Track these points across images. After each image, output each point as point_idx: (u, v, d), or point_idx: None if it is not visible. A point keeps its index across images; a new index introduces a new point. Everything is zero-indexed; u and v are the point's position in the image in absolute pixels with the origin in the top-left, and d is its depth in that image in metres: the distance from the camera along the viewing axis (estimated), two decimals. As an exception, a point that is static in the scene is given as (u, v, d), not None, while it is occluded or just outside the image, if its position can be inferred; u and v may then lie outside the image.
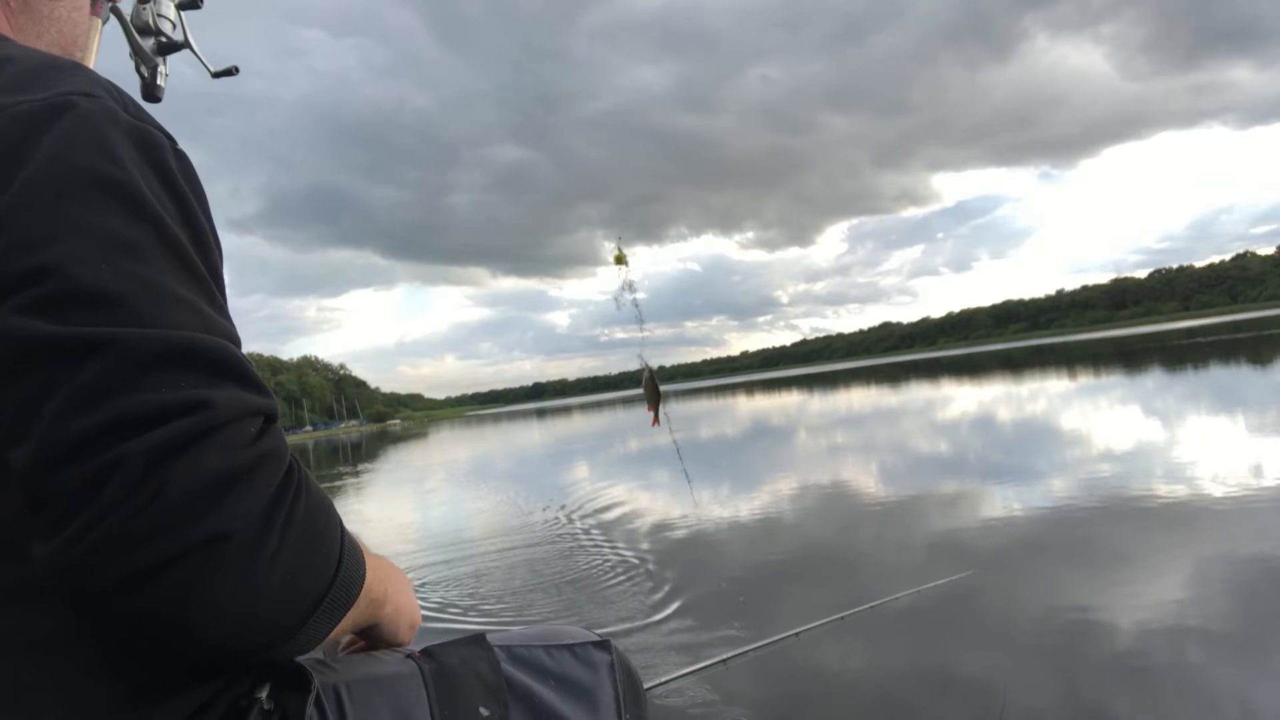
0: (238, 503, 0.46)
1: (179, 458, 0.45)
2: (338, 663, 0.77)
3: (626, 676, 0.96)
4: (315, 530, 0.52)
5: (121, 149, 0.51)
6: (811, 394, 27.23)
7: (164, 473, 0.44)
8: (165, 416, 0.45)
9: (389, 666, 0.79)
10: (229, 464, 0.46)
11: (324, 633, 0.56)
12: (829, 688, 2.47)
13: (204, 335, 0.50)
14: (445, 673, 0.80)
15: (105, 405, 0.44)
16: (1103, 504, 4.48)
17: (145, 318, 0.47)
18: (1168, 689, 2.18)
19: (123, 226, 0.49)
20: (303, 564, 0.51)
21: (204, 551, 0.44)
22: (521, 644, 0.91)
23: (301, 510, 0.51)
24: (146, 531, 0.43)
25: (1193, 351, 21.04)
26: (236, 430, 0.48)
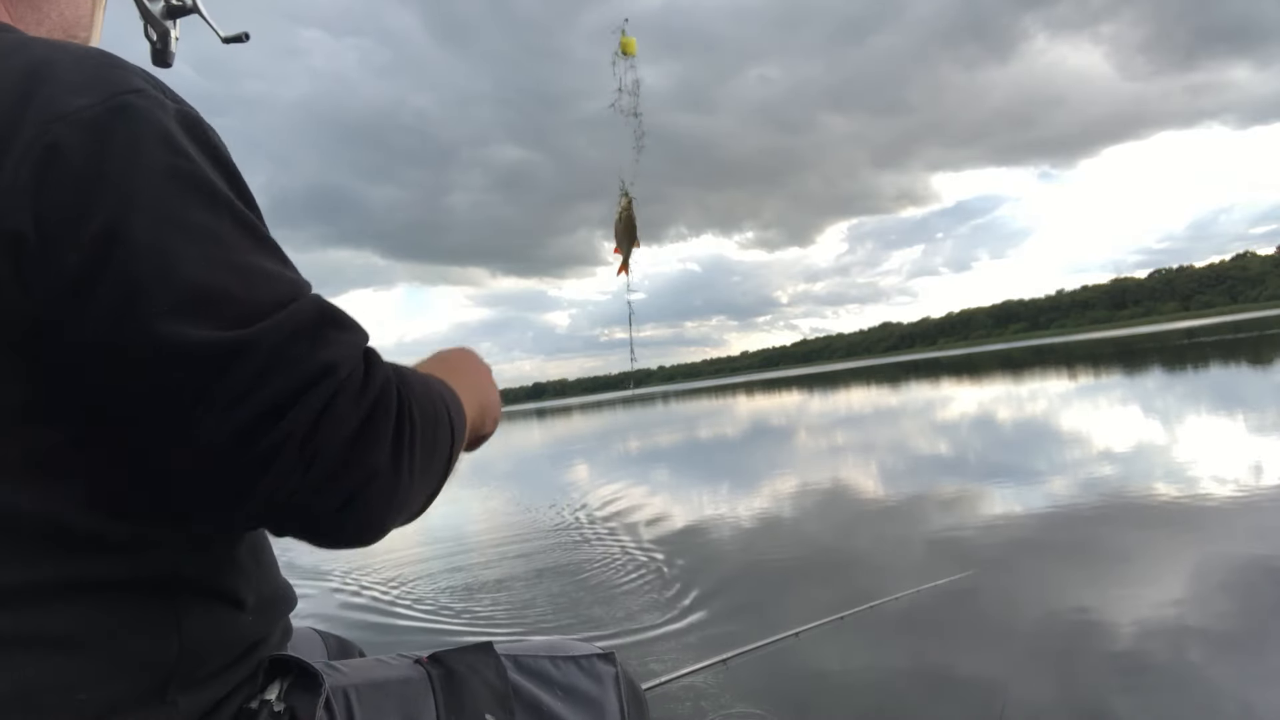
0: (376, 441, 0.52)
1: (324, 424, 0.49)
2: (347, 666, 0.77)
3: (631, 691, 0.96)
4: (430, 430, 0.59)
5: (181, 139, 0.53)
6: (812, 394, 27.22)
7: (316, 442, 0.49)
8: (304, 389, 0.49)
9: (397, 671, 0.79)
10: (361, 412, 0.52)
11: (453, 463, 0.65)
12: (829, 687, 2.47)
13: (303, 300, 0.53)
14: (453, 679, 0.80)
15: (255, 399, 0.48)
16: (1103, 504, 4.48)
17: (262, 305, 0.50)
18: (1168, 689, 2.18)
19: (208, 218, 0.51)
20: (429, 462, 0.59)
21: (364, 492, 0.52)
22: (528, 654, 0.91)
23: (419, 418, 0.57)
24: (314, 492, 0.50)
25: (1193, 352, 21.03)
26: (355, 377, 0.52)
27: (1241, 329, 35.69)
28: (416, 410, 0.57)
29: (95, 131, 0.49)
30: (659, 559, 4.53)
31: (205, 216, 0.51)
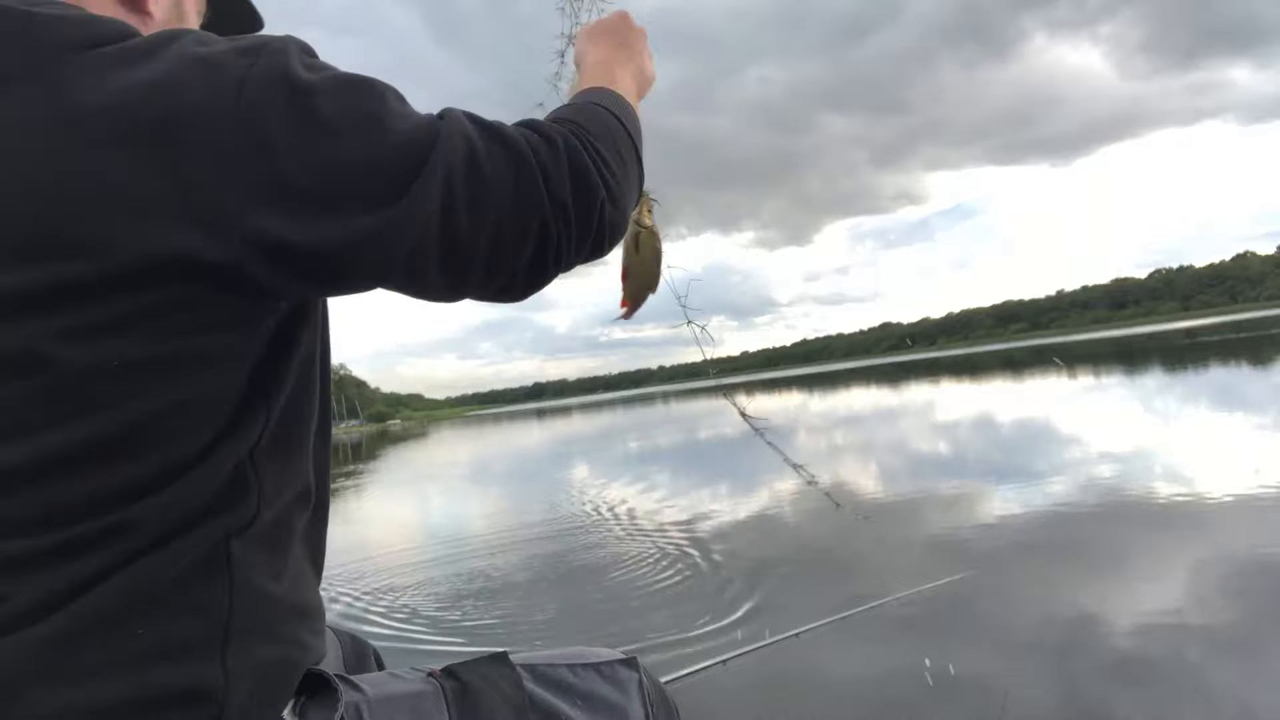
0: (590, 182, 0.63)
1: (551, 190, 0.60)
2: (360, 680, 0.76)
3: (659, 695, 0.94)
4: (614, 151, 0.68)
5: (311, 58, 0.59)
6: (811, 394, 27.22)
7: (558, 209, 0.60)
8: (516, 175, 0.59)
9: (410, 685, 0.77)
10: (564, 168, 0.61)
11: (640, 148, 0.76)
12: (829, 688, 2.47)
13: (453, 114, 0.60)
14: (467, 691, 0.78)
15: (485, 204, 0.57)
16: (1102, 504, 4.48)
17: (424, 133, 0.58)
18: (1167, 689, 2.18)
19: (372, 101, 0.57)
20: (626, 170, 0.69)
21: (603, 222, 0.65)
22: (545, 663, 0.88)
23: (602, 147, 0.66)
24: (577, 244, 0.63)
25: (1193, 351, 21.02)
26: (538, 146, 0.61)
27: (1242, 329, 35.68)
28: (594, 139, 0.65)
29: (274, 84, 0.54)
30: (658, 557, 4.53)
31: (376, 98, 0.57)
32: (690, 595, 3.70)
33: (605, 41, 0.90)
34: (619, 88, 0.81)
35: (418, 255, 0.56)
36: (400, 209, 0.54)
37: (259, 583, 0.59)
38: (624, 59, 0.88)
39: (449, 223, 0.55)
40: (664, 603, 3.64)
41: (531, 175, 0.59)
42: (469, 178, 0.56)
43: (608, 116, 0.72)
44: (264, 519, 0.60)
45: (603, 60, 0.87)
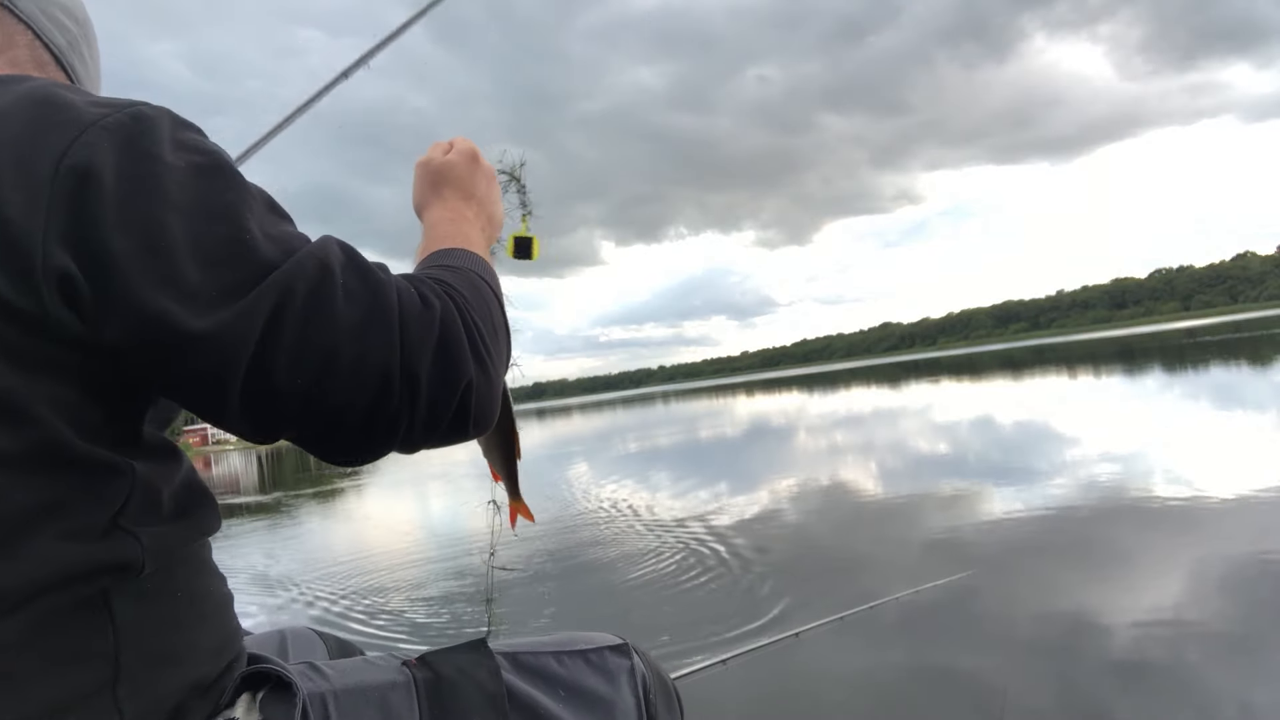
0: (460, 354, 0.58)
1: (408, 355, 0.54)
2: (333, 669, 0.75)
3: (658, 682, 0.91)
4: (488, 318, 0.64)
5: (192, 140, 0.56)
6: (811, 394, 27.22)
7: (410, 377, 0.54)
8: (369, 322, 0.54)
9: (382, 675, 0.76)
10: (435, 334, 0.57)
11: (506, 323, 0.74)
12: (829, 688, 2.47)
13: (331, 244, 0.57)
14: (439, 683, 0.76)
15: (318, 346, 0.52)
16: (1102, 504, 4.48)
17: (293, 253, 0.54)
18: (1167, 689, 2.18)
19: (238, 197, 0.54)
20: (498, 342, 0.66)
21: (468, 401, 0.58)
22: (529, 650, 0.86)
23: (476, 315, 0.62)
24: (426, 422, 0.56)
25: (1193, 351, 21.03)
26: (412, 303, 0.57)
27: (1242, 329, 35.68)
28: (473, 311, 0.61)
29: (122, 141, 0.51)
30: (657, 557, 4.53)
31: (235, 197, 0.54)
32: (687, 593, 3.70)
33: (452, 195, 0.83)
34: (474, 249, 0.76)
35: (221, 376, 0.49)
36: (215, 321, 0.49)
37: (149, 628, 0.56)
38: (473, 214, 0.83)
39: (265, 350, 0.50)
40: (661, 601, 3.64)
41: (386, 329, 0.53)
42: (308, 308, 0.51)
43: (483, 285, 0.67)
44: (150, 569, 0.55)
45: (451, 217, 0.81)
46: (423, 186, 0.84)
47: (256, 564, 5.88)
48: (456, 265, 0.69)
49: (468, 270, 0.68)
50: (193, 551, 0.62)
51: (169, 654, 0.57)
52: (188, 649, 0.59)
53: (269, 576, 5.24)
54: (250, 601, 4.59)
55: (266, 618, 4.22)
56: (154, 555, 0.55)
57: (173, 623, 0.58)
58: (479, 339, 0.60)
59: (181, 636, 0.59)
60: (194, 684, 0.59)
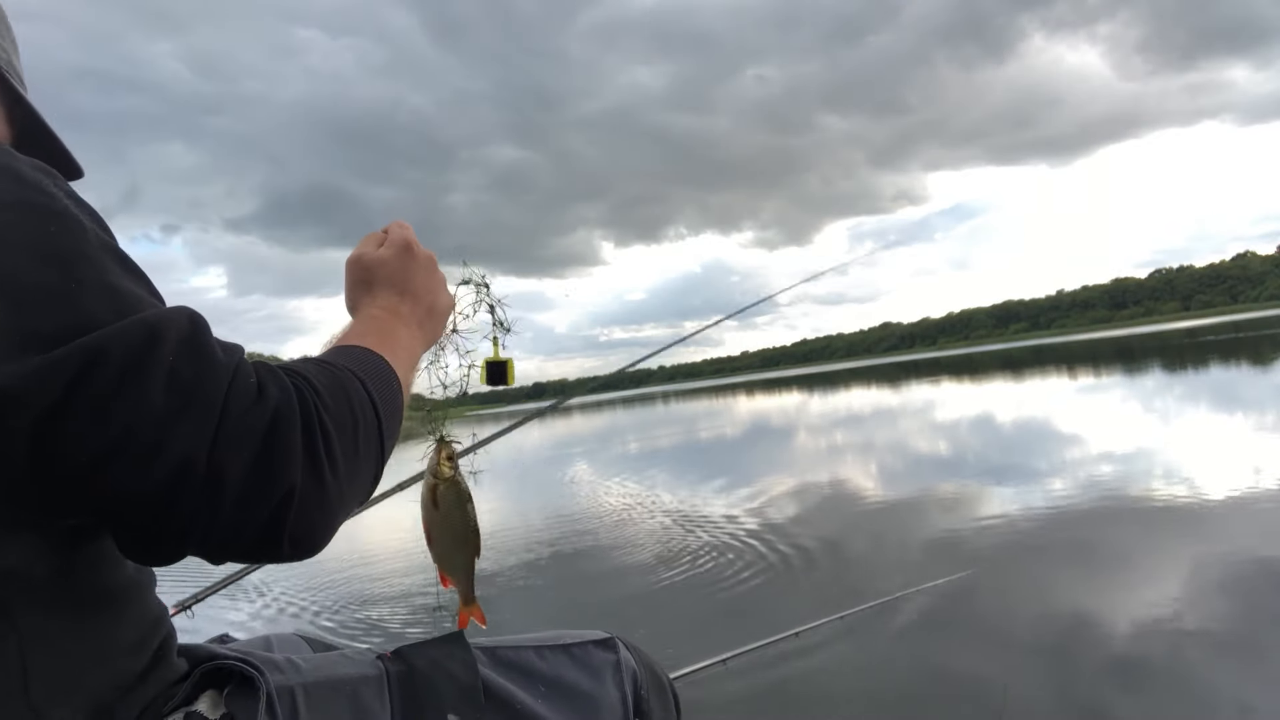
0: (286, 456, 0.50)
1: (220, 446, 0.47)
2: (306, 663, 0.73)
3: (651, 677, 0.89)
4: (348, 427, 0.57)
5: (34, 178, 0.52)
6: (812, 394, 27.21)
7: (214, 468, 0.47)
8: (184, 405, 0.47)
9: (355, 668, 0.75)
10: (261, 428, 0.49)
11: (398, 431, 0.66)
12: (829, 687, 2.47)
13: (172, 312, 0.51)
14: (412, 676, 0.75)
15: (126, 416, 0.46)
16: (1102, 504, 4.48)
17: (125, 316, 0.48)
18: (1167, 689, 2.19)
19: (75, 241, 0.50)
20: (355, 459, 0.57)
21: (284, 511, 0.50)
22: (509, 645, 0.85)
23: (330, 420, 0.54)
24: (229, 523, 0.48)
25: (1193, 351, 21.02)
26: (242, 390, 0.50)
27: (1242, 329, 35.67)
28: (327, 413, 0.54)
29: None
30: (655, 558, 4.53)
31: (72, 243, 0.49)
32: (687, 594, 3.70)
33: (384, 292, 0.76)
34: (396, 348, 0.70)
35: (6, 427, 0.44)
36: (11, 369, 0.44)
37: (55, 630, 0.53)
38: (408, 309, 0.76)
39: (58, 416, 0.44)
40: (660, 601, 3.64)
41: (200, 421, 0.47)
42: (118, 380, 0.45)
43: (354, 388, 0.60)
44: (44, 571, 0.52)
45: (376, 315, 0.75)
46: (353, 286, 0.78)
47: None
48: (333, 362, 0.62)
49: (343, 369, 0.61)
50: (97, 546, 0.58)
51: (82, 653, 0.55)
52: (104, 645, 0.57)
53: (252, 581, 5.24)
54: (236, 608, 4.60)
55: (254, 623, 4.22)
56: (47, 556, 0.52)
57: (80, 621, 0.55)
58: (319, 444, 0.52)
59: (94, 633, 0.56)
60: (117, 680, 0.57)
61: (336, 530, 0.56)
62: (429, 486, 0.84)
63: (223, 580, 1.51)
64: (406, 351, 0.72)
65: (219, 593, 1.56)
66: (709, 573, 4.09)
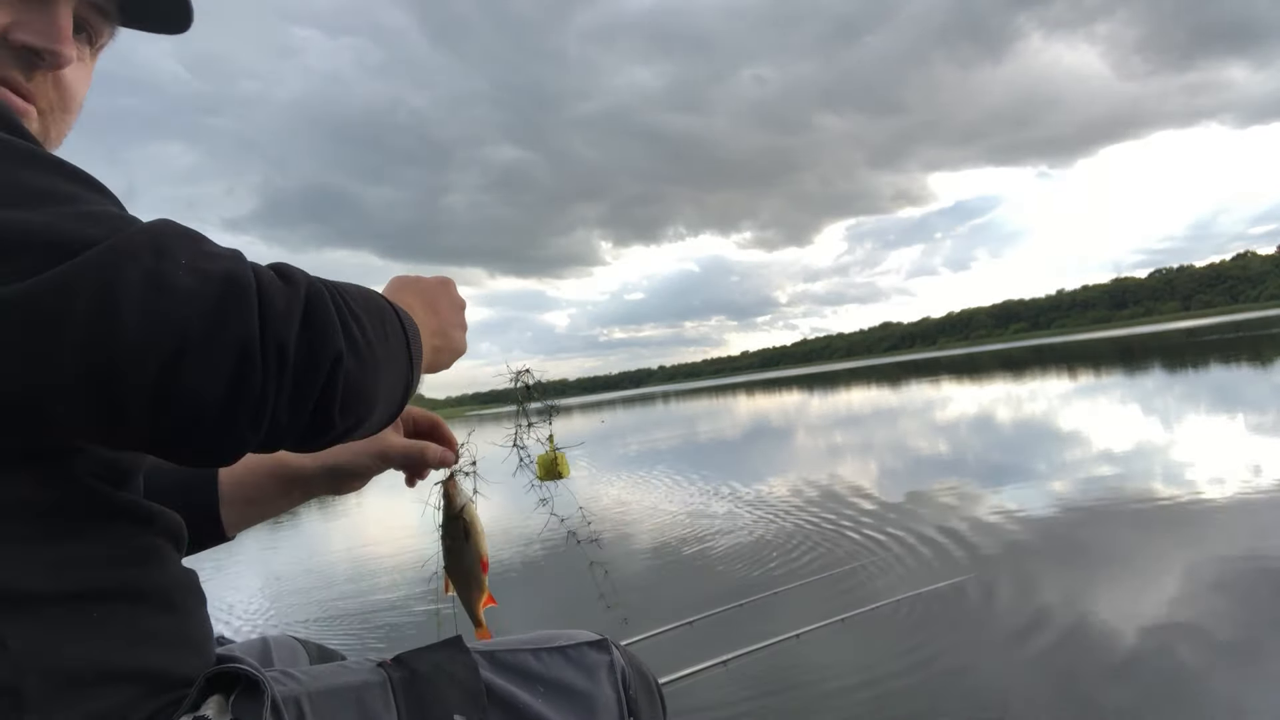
0: (326, 325, 0.51)
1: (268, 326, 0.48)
2: (305, 674, 0.74)
3: (639, 677, 0.90)
4: (376, 318, 0.58)
5: None
6: (812, 394, 27.22)
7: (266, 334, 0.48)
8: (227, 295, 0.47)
9: (357, 676, 0.75)
10: (300, 303, 0.50)
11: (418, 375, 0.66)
12: (829, 690, 2.47)
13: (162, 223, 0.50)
14: (416, 680, 0.75)
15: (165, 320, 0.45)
16: (1104, 506, 4.48)
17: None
18: (1169, 694, 2.18)
19: (38, 176, 0.48)
20: (386, 346, 0.58)
21: (339, 373, 0.52)
22: (506, 648, 0.85)
23: (358, 307, 0.56)
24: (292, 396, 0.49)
25: (1193, 351, 21.02)
26: (269, 276, 0.50)
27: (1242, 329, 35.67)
28: (347, 298, 0.56)
29: None
30: (655, 558, 4.52)
31: (33, 175, 0.48)
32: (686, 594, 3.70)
33: (410, 297, 0.77)
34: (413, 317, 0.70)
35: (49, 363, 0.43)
36: (21, 289, 0.42)
37: (49, 653, 0.50)
38: (427, 321, 0.76)
39: (105, 327, 0.43)
40: (660, 602, 3.64)
41: (243, 300, 0.47)
42: (144, 285, 0.44)
43: (379, 300, 0.62)
44: (46, 589, 0.51)
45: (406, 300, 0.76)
46: (387, 290, 0.79)
47: (240, 569, 5.88)
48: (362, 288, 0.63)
49: (370, 291, 0.63)
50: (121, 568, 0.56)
51: (82, 678, 0.52)
52: (104, 672, 0.54)
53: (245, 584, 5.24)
54: (237, 606, 4.59)
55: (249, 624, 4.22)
56: (46, 577, 0.50)
57: (83, 646, 0.53)
58: (351, 321, 0.54)
59: (97, 659, 0.54)
60: (125, 705, 0.55)
61: (378, 407, 0.58)
62: (449, 517, 0.91)
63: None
64: (422, 331, 0.72)
65: (212, 593, 1.56)
66: (707, 572, 4.08)
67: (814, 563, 4.08)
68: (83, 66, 0.67)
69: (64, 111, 0.67)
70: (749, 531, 5.03)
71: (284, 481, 0.94)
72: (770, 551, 4.41)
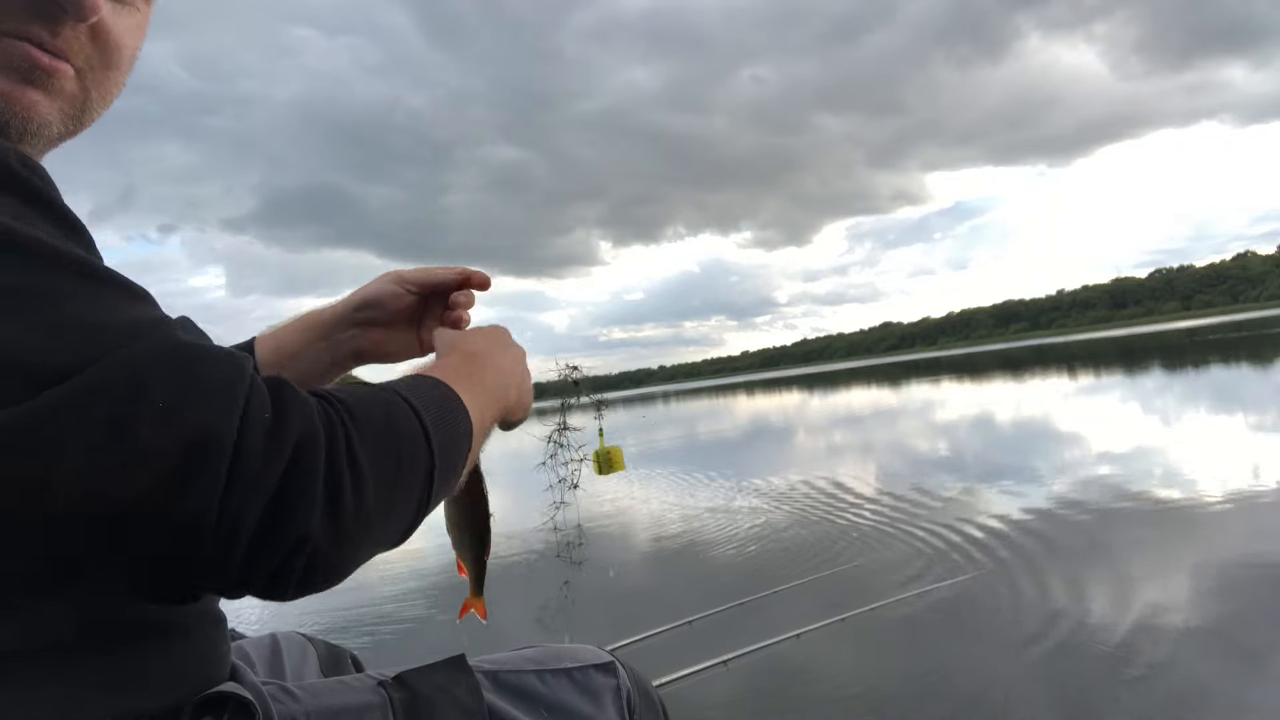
0: (300, 499, 0.44)
1: (231, 496, 0.41)
2: (304, 691, 0.72)
3: (644, 699, 0.89)
4: (389, 462, 0.50)
5: None
6: (812, 394, 27.22)
7: (225, 512, 0.41)
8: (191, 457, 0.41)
9: (357, 696, 0.74)
10: (278, 467, 0.43)
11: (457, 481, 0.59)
12: (830, 689, 2.46)
13: (150, 344, 0.43)
14: (417, 703, 0.73)
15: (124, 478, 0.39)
16: (1106, 507, 4.47)
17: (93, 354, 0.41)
18: (1170, 695, 2.18)
19: (17, 277, 0.41)
20: (390, 501, 0.50)
21: (302, 554, 0.44)
22: (511, 668, 0.84)
23: (365, 454, 0.48)
24: (238, 575, 0.43)
25: (1194, 351, 21.02)
26: (257, 424, 0.43)
27: (1242, 329, 35.67)
28: (360, 444, 0.48)
29: None
30: (654, 559, 4.52)
31: (9, 279, 0.41)
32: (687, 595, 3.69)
33: (461, 352, 0.72)
34: (471, 387, 0.64)
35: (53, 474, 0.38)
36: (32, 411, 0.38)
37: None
38: (485, 372, 0.70)
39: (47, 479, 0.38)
40: (660, 602, 3.63)
41: (207, 468, 0.41)
42: (106, 433, 0.39)
43: (405, 416, 0.53)
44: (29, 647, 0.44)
45: (452, 362, 0.70)
46: (442, 342, 0.76)
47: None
48: (379, 385, 0.56)
49: (390, 392, 0.55)
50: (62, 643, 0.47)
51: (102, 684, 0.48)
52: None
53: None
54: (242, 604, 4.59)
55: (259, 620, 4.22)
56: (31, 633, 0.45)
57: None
58: (345, 482, 0.46)
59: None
60: None
61: (352, 572, 0.50)
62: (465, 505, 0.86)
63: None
64: (481, 397, 0.64)
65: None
66: (707, 573, 4.08)
67: (814, 562, 4.07)
68: (129, 12, 0.57)
69: (106, 68, 0.56)
70: (749, 530, 5.02)
71: (311, 332, 0.88)
72: (770, 550, 4.41)
